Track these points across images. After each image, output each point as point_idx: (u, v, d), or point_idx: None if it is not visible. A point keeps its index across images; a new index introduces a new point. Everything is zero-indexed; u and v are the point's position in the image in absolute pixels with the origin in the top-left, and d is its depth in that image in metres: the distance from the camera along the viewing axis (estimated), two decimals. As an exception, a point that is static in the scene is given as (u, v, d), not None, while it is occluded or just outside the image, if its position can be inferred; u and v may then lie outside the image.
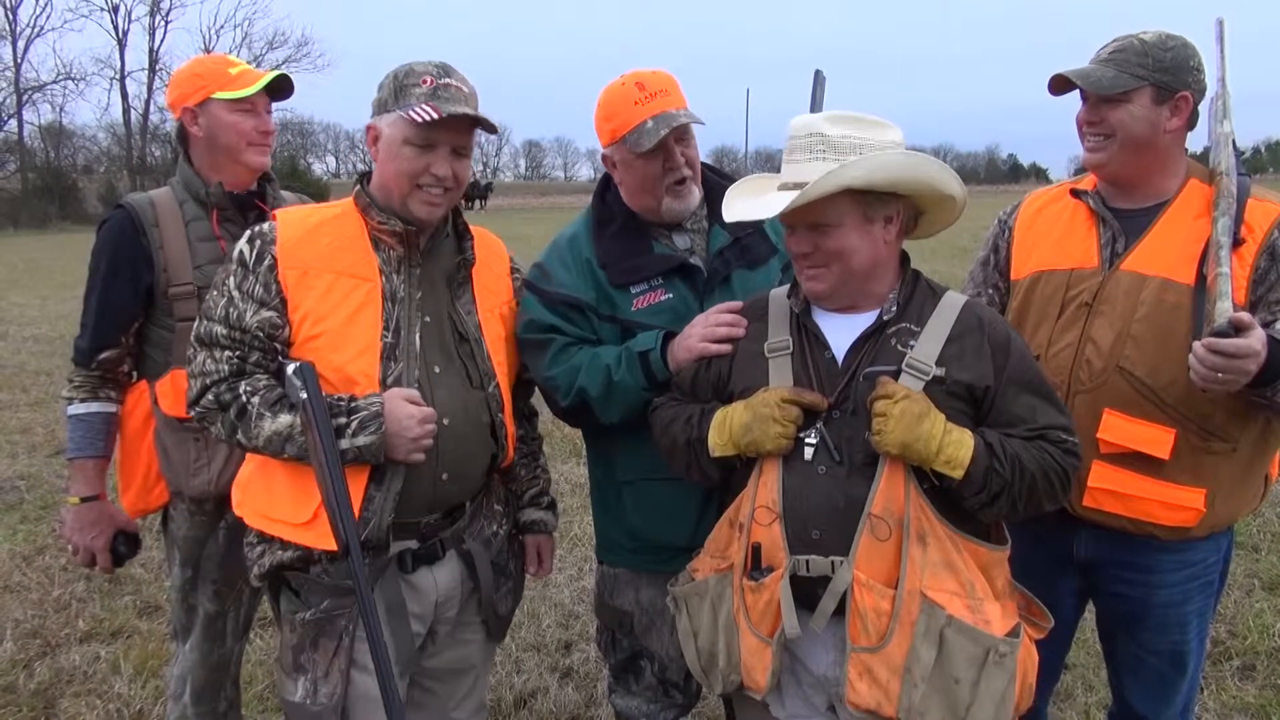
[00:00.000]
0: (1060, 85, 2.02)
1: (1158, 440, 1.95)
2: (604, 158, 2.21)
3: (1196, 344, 1.77)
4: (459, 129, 1.87)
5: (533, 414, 2.33)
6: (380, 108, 1.88)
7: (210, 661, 2.45)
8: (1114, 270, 2.03)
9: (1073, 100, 2.06)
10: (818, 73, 2.27)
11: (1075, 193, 2.16)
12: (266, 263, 1.84)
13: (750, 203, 1.85)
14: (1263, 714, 3.08)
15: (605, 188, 2.27)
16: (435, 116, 1.80)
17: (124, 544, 2.42)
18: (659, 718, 2.35)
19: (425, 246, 1.95)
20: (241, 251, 1.87)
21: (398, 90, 1.85)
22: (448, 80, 1.87)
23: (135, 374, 2.39)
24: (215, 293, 1.88)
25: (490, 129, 1.88)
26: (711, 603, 1.88)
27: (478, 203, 54.20)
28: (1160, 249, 1.99)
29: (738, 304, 2.01)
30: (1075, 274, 2.08)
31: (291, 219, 1.91)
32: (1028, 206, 2.28)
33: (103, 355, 2.30)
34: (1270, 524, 4.59)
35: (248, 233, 1.89)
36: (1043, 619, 1.86)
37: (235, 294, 1.84)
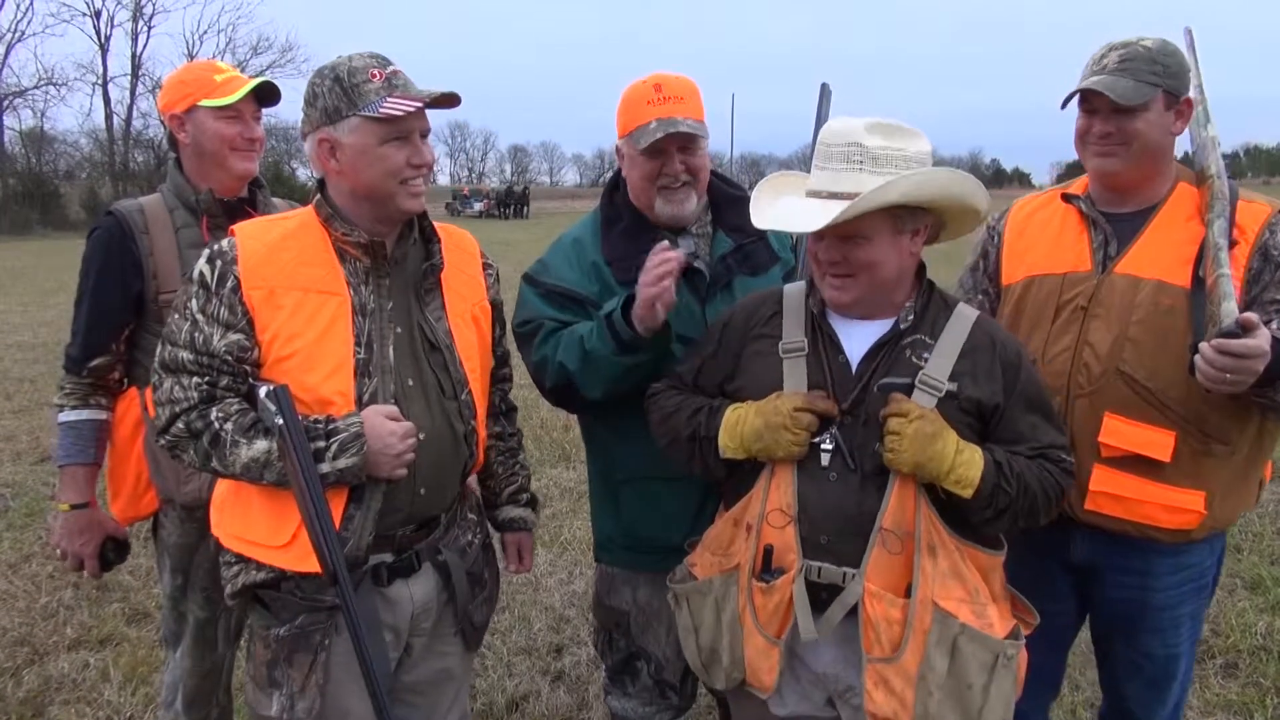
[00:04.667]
0: (1079, 99, 2.01)
1: (1159, 443, 1.96)
2: (617, 149, 2.25)
3: (1204, 345, 1.77)
4: (421, 112, 1.81)
5: (511, 410, 2.29)
6: (328, 116, 1.77)
7: (201, 669, 2.45)
8: (1108, 273, 2.03)
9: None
10: (824, 86, 2.29)
11: (1066, 197, 2.16)
12: (230, 284, 1.76)
13: (784, 211, 1.81)
14: (1245, 711, 3.12)
15: (615, 186, 2.30)
16: (418, 105, 1.74)
17: (113, 550, 2.42)
18: (654, 719, 2.36)
19: (393, 255, 1.88)
20: (202, 272, 1.78)
21: (349, 93, 1.75)
22: (393, 68, 1.80)
23: (125, 381, 2.39)
24: (177, 316, 1.80)
25: (455, 102, 1.82)
26: (715, 601, 1.89)
27: (523, 208, 50.03)
28: (1154, 251, 2.01)
29: (670, 250, 1.92)
30: (1069, 278, 2.08)
31: (251, 234, 1.83)
32: (1017, 212, 2.28)
33: (94, 362, 2.30)
34: (1251, 524, 4.65)
35: (206, 251, 1.80)
36: (1028, 615, 1.89)
37: (199, 317, 1.76)
